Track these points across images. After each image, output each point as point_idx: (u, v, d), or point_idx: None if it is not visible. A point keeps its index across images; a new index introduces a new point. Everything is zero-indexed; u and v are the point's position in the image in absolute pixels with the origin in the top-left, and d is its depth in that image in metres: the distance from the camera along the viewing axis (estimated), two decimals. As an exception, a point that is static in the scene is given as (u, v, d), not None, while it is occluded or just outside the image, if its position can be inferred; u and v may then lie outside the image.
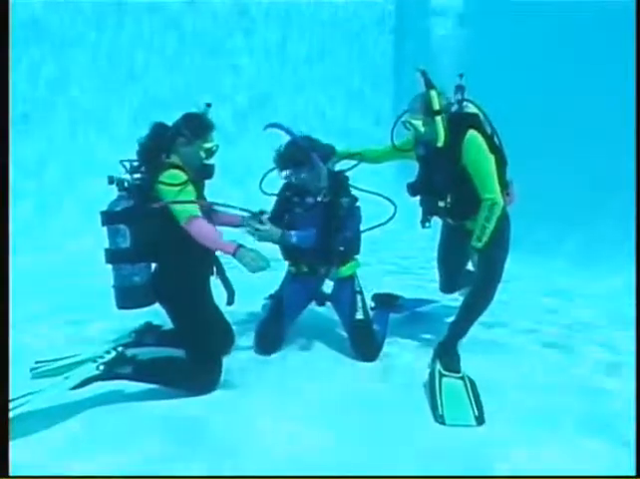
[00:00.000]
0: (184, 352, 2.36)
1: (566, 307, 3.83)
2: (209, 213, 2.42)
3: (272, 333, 2.77)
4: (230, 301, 2.43)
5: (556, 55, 6.56)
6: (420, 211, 2.84)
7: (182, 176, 2.20)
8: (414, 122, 2.54)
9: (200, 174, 2.39)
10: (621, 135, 5.62)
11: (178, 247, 2.25)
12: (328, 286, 2.89)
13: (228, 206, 2.40)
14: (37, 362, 2.45)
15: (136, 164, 2.31)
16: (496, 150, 2.59)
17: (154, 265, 2.35)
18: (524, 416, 2.20)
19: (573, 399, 2.34)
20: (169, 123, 2.36)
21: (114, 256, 2.26)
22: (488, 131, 2.60)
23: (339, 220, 2.62)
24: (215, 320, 2.52)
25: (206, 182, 2.49)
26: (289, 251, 2.75)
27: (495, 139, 2.63)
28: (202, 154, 2.35)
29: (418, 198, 2.82)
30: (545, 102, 6.57)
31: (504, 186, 2.61)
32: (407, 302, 3.40)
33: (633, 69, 5.27)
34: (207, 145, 2.36)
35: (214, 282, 2.51)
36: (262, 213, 2.47)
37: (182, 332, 2.38)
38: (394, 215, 2.67)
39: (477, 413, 2.21)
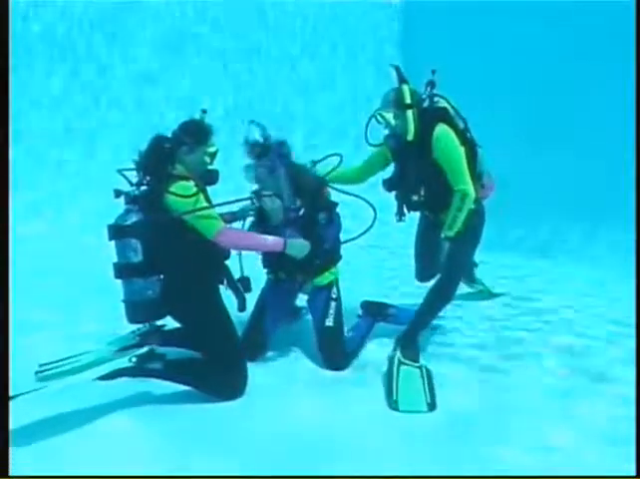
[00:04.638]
0: (206, 358, 2.39)
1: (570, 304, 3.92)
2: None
3: (254, 340, 2.78)
4: (242, 308, 2.52)
5: (557, 54, 6.59)
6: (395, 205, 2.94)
7: (193, 187, 2.25)
8: (385, 114, 2.65)
9: (205, 180, 2.43)
10: (621, 134, 5.62)
11: (189, 258, 2.29)
12: (302, 300, 2.93)
13: (237, 200, 2.50)
14: (41, 366, 2.32)
15: (140, 176, 2.33)
16: (467, 142, 2.69)
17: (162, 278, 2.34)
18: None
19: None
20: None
21: (124, 271, 2.24)
22: (459, 125, 2.70)
23: (316, 235, 2.62)
24: (232, 327, 2.50)
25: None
26: (268, 259, 2.81)
27: (467, 133, 2.73)
28: (207, 159, 2.42)
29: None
30: (545, 102, 6.60)
31: (477, 178, 2.73)
32: (401, 313, 3.20)
33: (633, 69, 5.29)
34: (211, 149, 2.43)
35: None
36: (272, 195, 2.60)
37: (201, 343, 2.41)
38: (373, 222, 2.68)
39: (429, 400, 2.38)
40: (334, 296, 2.82)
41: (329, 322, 2.76)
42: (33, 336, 2.95)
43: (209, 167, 2.45)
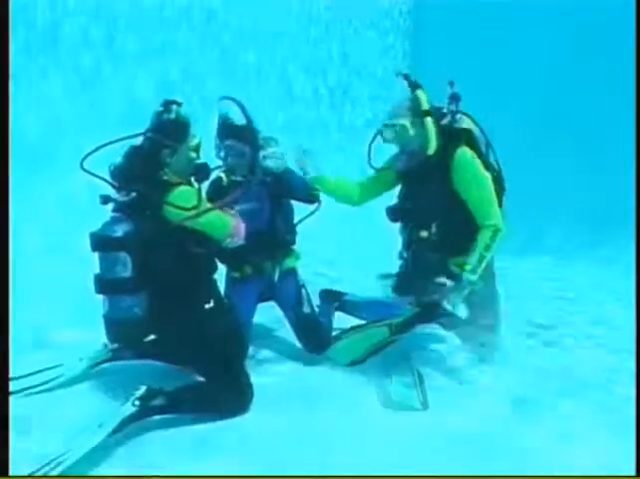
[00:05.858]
0: (204, 379, 2.28)
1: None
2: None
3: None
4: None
5: (558, 55, 6.60)
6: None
7: (194, 194, 2.16)
8: (402, 121, 2.30)
9: (197, 177, 2.33)
10: (621, 135, 5.64)
11: (182, 272, 2.19)
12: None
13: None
14: (13, 379, 2.29)
15: (126, 183, 2.18)
16: (492, 170, 2.40)
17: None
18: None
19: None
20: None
21: (111, 286, 2.10)
22: (483, 149, 2.41)
23: (288, 208, 2.71)
24: (231, 337, 2.40)
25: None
26: (231, 256, 2.63)
27: (492, 157, 2.46)
28: (193, 154, 2.30)
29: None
30: (551, 105, 6.62)
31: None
32: (357, 299, 3.21)
33: (633, 69, 5.31)
34: (193, 143, 2.30)
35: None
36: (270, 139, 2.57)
37: (195, 359, 2.29)
38: (318, 206, 2.72)
39: (422, 399, 2.42)
40: (301, 283, 2.86)
41: (306, 309, 2.78)
42: (32, 336, 2.94)
43: (197, 161, 2.34)
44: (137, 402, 2.01)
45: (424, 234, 2.36)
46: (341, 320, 3.07)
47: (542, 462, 1.98)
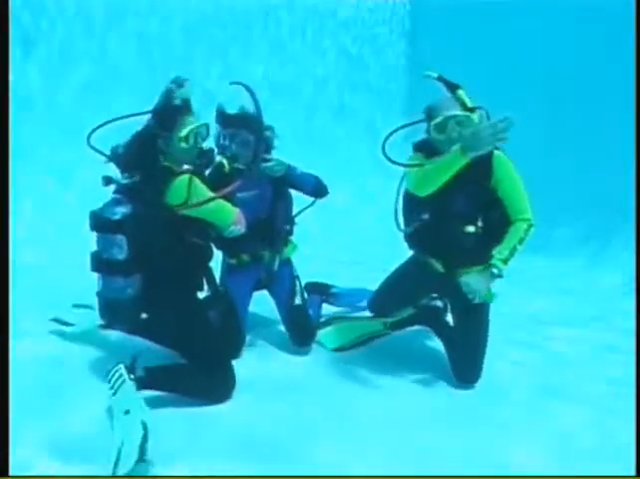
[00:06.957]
0: (189, 363, 2.25)
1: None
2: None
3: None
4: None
5: (558, 56, 6.60)
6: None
7: (184, 189, 2.10)
8: (459, 113, 2.25)
9: (202, 161, 2.29)
10: (621, 135, 5.64)
11: (178, 258, 2.18)
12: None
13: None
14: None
15: (127, 168, 2.17)
16: None
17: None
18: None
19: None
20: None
21: (106, 266, 2.12)
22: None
23: (288, 198, 2.76)
24: (218, 326, 2.39)
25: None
26: (228, 243, 2.56)
27: None
28: (183, 144, 2.18)
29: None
30: (544, 103, 6.62)
31: None
32: (343, 291, 3.34)
33: (633, 69, 5.31)
34: (182, 133, 2.16)
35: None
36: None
37: (183, 345, 2.28)
38: (316, 199, 2.84)
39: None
40: (296, 274, 2.88)
41: (298, 301, 2.81)
42: (31, 334, 2.88)
43: (202, 146, 2.28)
44: (131, 376, 2.00)
45: (471, 228, 2.39)
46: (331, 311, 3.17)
47: (541, 462, 1.98)
